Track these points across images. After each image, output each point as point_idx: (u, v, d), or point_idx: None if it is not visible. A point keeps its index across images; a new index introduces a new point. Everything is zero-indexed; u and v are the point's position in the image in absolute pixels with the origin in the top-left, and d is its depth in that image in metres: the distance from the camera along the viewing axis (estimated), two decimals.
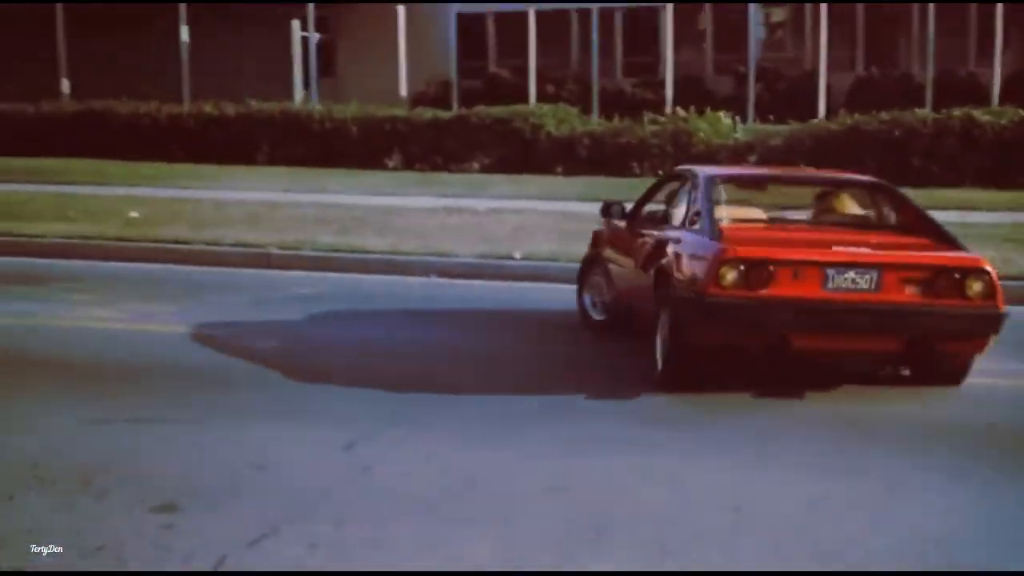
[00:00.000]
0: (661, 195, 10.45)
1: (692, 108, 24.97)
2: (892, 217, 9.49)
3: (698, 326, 8.10)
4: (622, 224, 10.42)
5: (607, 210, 10.55)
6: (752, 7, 29.38)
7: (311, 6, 34.61)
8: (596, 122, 26.37)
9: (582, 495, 6.15)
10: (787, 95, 29.76)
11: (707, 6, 34.41)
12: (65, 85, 35.73)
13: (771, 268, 7.96)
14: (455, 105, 29.78)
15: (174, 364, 9.10)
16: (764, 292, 7.93)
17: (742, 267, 7.93)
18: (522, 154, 25.45)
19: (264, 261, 14.76)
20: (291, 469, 6.45)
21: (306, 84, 34.44)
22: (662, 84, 29.17)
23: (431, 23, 35.26)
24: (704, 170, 9.50)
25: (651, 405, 8.03)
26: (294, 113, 27.66)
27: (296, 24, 35.94)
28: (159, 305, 11.65)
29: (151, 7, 36.51)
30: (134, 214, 14.40)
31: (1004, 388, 8.90)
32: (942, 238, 8.77)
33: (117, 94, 30.07)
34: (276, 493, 6.05)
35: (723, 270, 7.94)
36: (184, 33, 35.57)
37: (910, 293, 8.06)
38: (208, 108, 28.63)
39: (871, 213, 9.72)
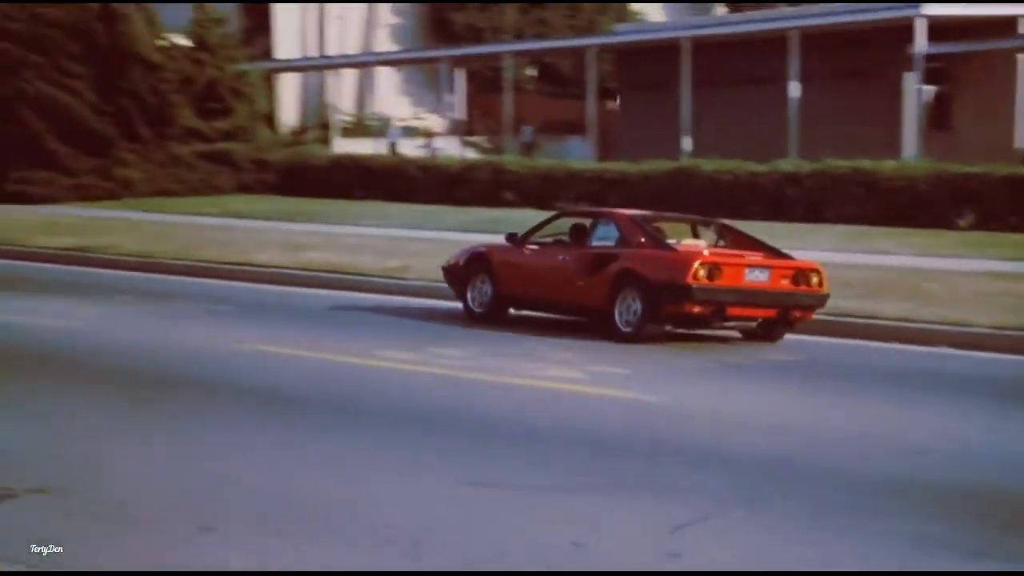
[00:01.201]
0: (550, 229, 14.85)
1: None
2: (735, 241, 14.43)
3: (676, 303, 12.89)
4: (528, 248, 14.62)
5: (512, 238, 14.82)
6: None
7: (923, 57, 33.70)
8: None
9: None
10: None
11: None
12: (687, 143, 37.02)
13: (721, 267, 12.99)
14: None
15: (584, 429, 9.03)
16: (717, 282, 12.91)
17: (708, 266, 12.89)
18: None
19: None
20: (605, 550, 6.27)
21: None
22: None
23: None
24: (623, 212, 14.62)
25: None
26: (865, 171, 26.74)
27: (909, 77, 35.07)
28: (622, 368, 11.64)
29: (766, 65, 37.03)
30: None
31: None
32: (779, 252, 13.97)
33: (732, 152, 30.44)
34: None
35: (697, 268, 12.85)
36: (793, 89, 35.75)
37: (784, 283, 13.31)
38: (784, 166, 28.35)
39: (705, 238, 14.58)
